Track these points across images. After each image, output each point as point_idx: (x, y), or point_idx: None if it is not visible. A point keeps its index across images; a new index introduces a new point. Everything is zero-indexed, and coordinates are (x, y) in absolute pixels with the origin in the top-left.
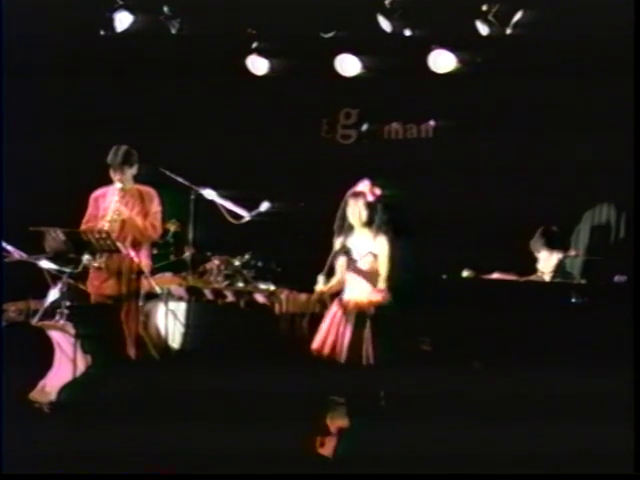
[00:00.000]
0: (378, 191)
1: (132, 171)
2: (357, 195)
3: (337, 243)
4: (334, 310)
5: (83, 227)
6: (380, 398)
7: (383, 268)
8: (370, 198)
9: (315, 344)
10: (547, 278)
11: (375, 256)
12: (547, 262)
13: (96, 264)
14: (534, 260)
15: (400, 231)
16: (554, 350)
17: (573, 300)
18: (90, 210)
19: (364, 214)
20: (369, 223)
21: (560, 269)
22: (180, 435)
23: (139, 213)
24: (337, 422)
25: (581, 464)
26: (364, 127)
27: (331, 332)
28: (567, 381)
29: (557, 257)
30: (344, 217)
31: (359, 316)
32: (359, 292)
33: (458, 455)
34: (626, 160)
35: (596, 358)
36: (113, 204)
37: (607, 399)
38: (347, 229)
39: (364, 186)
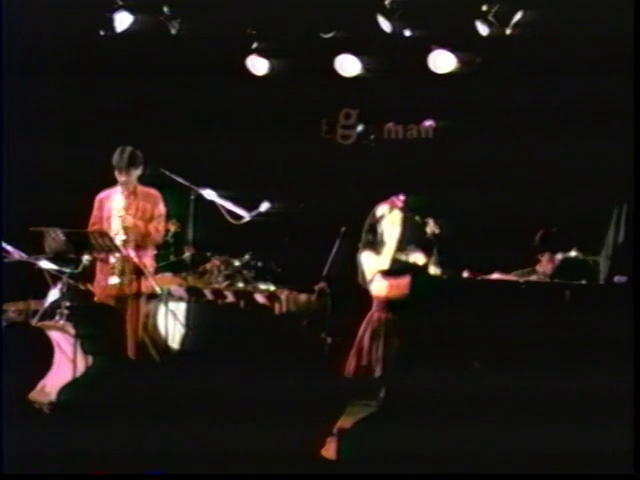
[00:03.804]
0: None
1: (137, 172)
2: (396, 214)
3: (369, 256)
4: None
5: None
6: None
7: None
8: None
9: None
10: (549, 279)
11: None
12: (549, 262)
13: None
14: (534, 260)
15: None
16: (554, 350)
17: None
18: (95, 212)
19: (399, 237)
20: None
21: (561, 270)
22: (180, 435)
23: (143, 216)
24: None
25: (581, 464)
26: (364, 127)
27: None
28: (567, 381)
29: (559, 258)
30: (375, 230)
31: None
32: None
33: (458, 455)
34: (626, 160)
35: (596, 358)
36: (119, 209)
37: (607, 399)
38: (380, 243)
39: (401, 202)
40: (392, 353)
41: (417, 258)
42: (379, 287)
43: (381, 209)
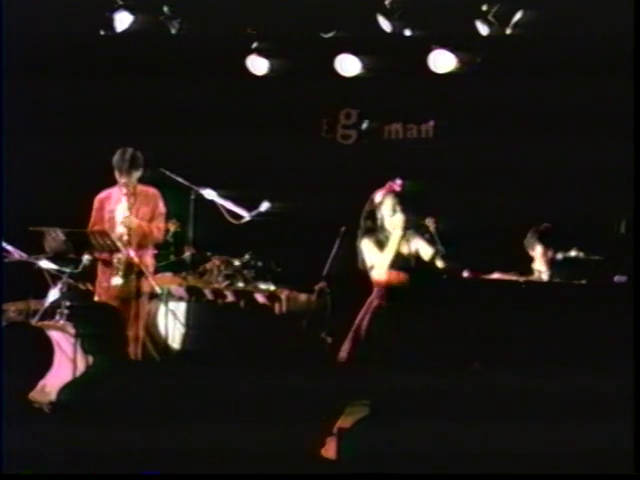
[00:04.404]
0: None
1: (138, 174)
2: (395, 199)
3: (369, 245)
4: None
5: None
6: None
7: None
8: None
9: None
10: (545, 277)
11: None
12: (542, 259)
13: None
14: (532, 260)
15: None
16: (554, 350)
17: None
18: (95, 212)
19: (402, 221)
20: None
21: (557, 268)
22: (180, 435)
23: (145, 216)
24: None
25: (581, 464)
26: (364, 127)
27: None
28: (567, 381)
29: (552, 255)
30: (374, 217)
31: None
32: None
33: (458, 455)
34: (626, 160)
35: (596, 358)
36: (122, 212)
37: (607, 399)
38: (380, 229)
39: (399, 186)
40: (388, 344)
41: (419, 245)
42: (379, 273)
43: (380, 195)
